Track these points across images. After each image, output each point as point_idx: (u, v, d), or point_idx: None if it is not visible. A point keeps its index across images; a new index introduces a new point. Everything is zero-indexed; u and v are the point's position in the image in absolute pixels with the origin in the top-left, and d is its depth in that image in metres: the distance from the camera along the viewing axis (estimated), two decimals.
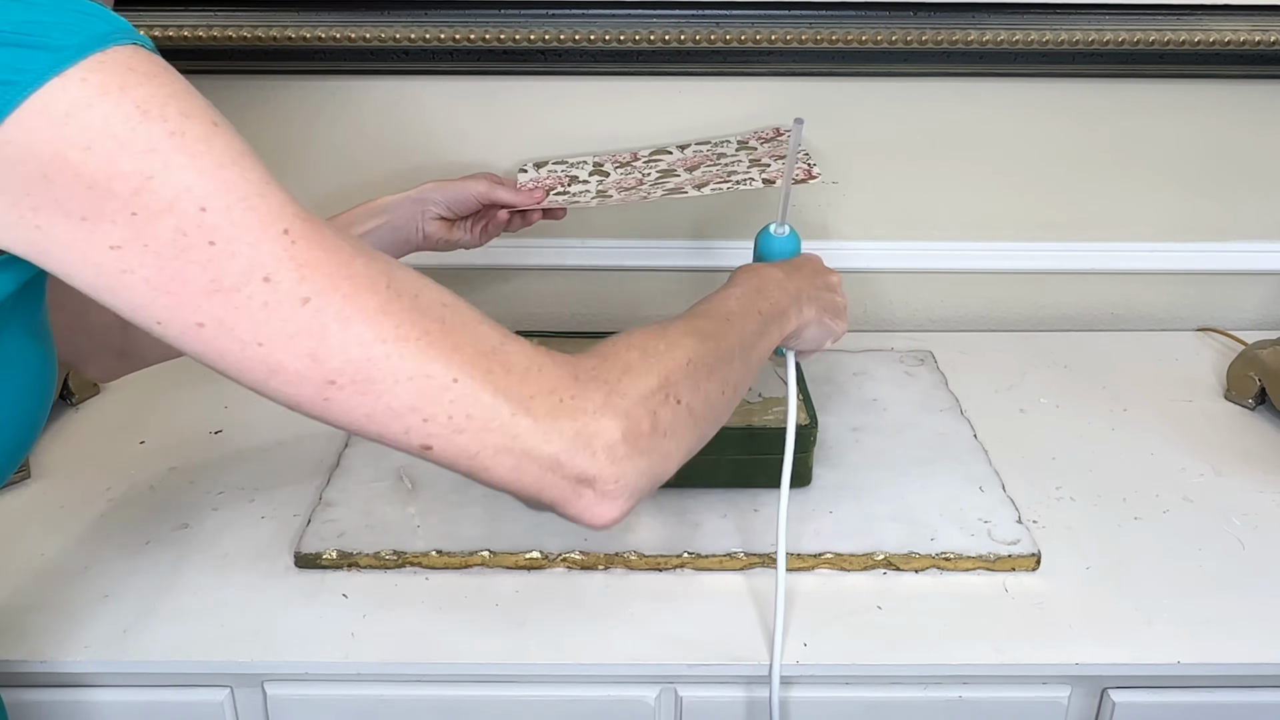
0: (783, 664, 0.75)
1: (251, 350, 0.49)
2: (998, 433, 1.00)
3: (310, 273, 0.49)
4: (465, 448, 0.53)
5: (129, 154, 0.46)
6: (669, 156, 1.07)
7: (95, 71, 0.46)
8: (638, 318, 1.20)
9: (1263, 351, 1.06)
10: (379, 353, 0.51)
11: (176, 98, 0.48)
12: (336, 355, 0.50)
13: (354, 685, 0.77)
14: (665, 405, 0.59)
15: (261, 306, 0.49)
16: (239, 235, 0.48)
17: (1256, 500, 0.92)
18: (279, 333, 0.49)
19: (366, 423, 0.52)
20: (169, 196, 0.47)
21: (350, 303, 0.50)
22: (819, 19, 1.07)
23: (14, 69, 0.45)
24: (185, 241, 0.47)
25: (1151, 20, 1.08)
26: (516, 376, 0.54)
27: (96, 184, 0.46)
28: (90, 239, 0.47)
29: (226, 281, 0.48)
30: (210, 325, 0.49)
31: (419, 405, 0.52)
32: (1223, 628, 0.78)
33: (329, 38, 1.07)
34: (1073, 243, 1.21)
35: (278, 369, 0.50)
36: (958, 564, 0.84)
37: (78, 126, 0.46)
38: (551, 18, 1.07)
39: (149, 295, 0.48)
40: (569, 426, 0.55)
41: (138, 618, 0.79)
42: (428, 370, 0.52)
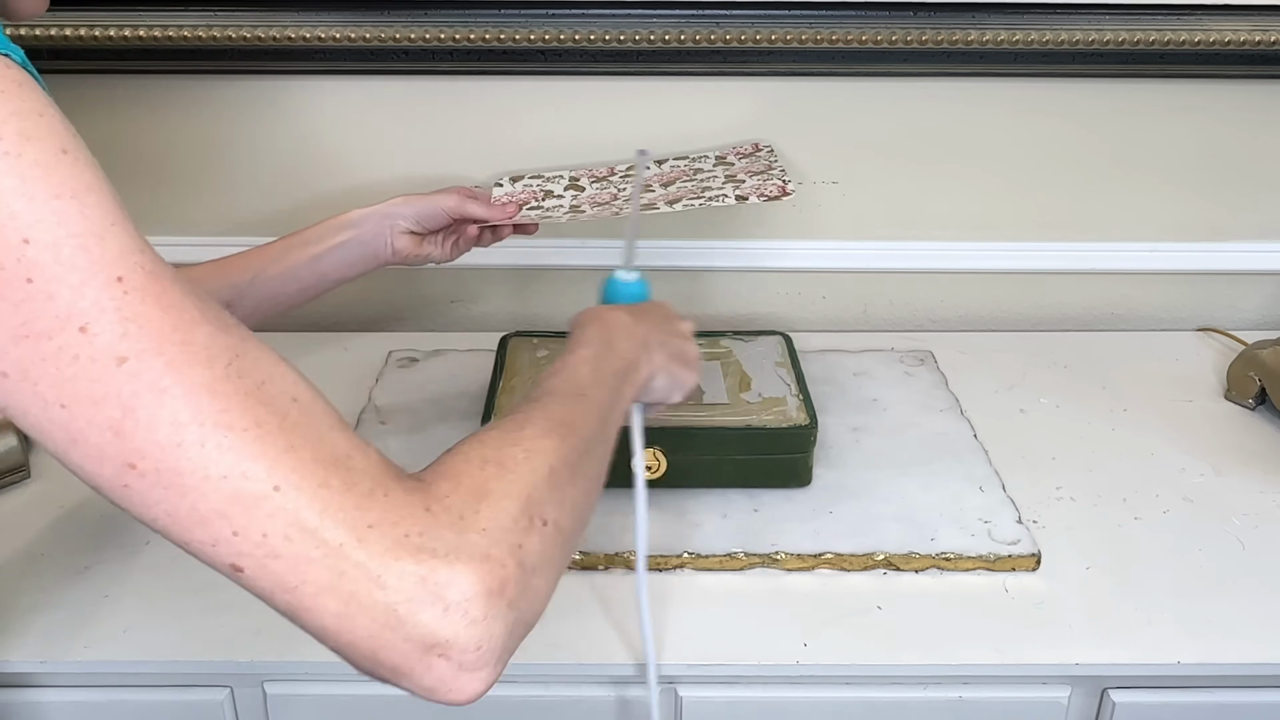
0: (780, 664, 0.75)
1: (54, 412, 0.42)
2: (998, 433, 1.00)
3: (135, 329, 0.42)
4: (281, 578, 0.44)
5: None
6: (645, 172, 1.07)
7: None
8: None
9: (1263, 351, 1.06)
10: (192, 438, 0.42)
11: (20, 117, 0.42)
12: (143, 432, 0.42)
13: (354, 685, 0.77)
14: (530, 532, 0.49)
15: (71, 360, 0.42)
16: (62, 275, 0.42)
17: (1256, 500, 0.92)
18: (84, 395, 0.42)
19: (169, 523, 0.44)
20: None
21: (172, 372, 0.42)
22: (819, 19, 1.07)
23: None
24: (2, 275, 0.41)
25: (1151, 20, 1.08)
26: (355, 498, 0.44)
27: None
28: None
29: (37, 326, 0.41)
30: (13, 376, 0.42)
31: (229, 513, 0.43)
32: (1223, 628, 0.78)
33: (329, 38, 1.07)
34: (1073, 243, 1.21)
35: (78, 439, 0.43)
36: (958, 564, 0.84)
37: None
38: (551, 18, 1.07)
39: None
40: (413, 570, 0.44)
41: (138, 618, 0.79)
42: (246, 469, 0.43)
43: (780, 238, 1.20)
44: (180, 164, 1.14)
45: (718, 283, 1.22)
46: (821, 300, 1.23)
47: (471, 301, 1.23)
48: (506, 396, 0.96)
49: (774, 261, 1.21)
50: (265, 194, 1.17)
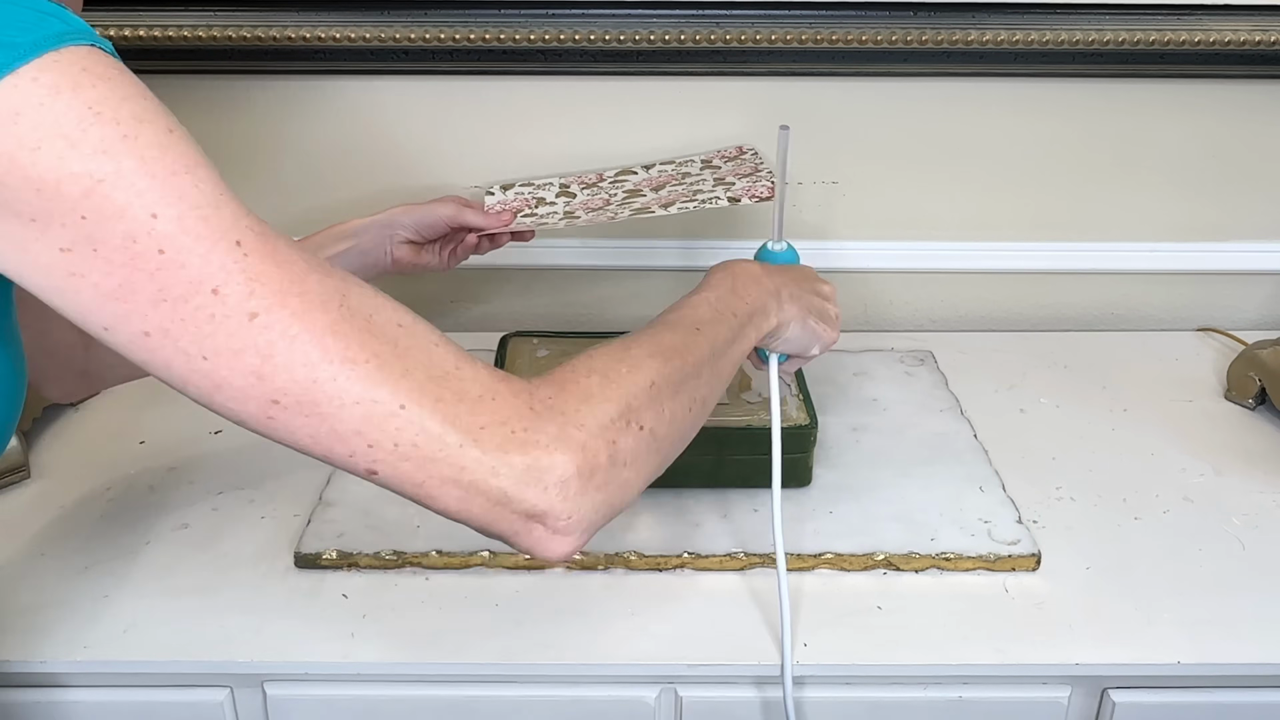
0: (780, 664, 0.76)
1: (197, 364, 0.49)
2: (998, 433, 1.00)
3: (260, 287, 0.48)
4: (410, 475, 0.52)
5: (79, 155, 0.45)
6: (634, 177, 1.07)
7: (48, 71, 0.45)
8: (637, 317, 1.20)
9: (1263, 351, 1.06)
10: (325, 374, 0.49)
11: (130, 100, 0.47)
12: (282, 374, 0.49)
13: (354, 685, 0.77)
14: (626, 433, 0.57)
15: (208, 319, 0.48)
16: (190, 245, 0.47)
17: (1256, 500, 0.92)
18: (224, 347, 0.48)
19: (311, 444, 0.51)
20: (120, 201, 0.46)
21: (298, 320, 0.49)
22: (819, 19, 1.07)
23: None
24: (135, 248, 0.46)
25: (1151, 20, 1.08)
26: (468, 405, 0.52)
27: (45, 186, 0.45)
28: (39, 241, 0.46)
29: (174, 291, 0.47)
30: (156, 335, 0.48)
31: (364, 430, 0.51)
32: (1223, 628, 0.78)
33: (329, 38, 1.07)
34: (1073, 243, 1.21)
35: (222, 384, 0.49)
36: (958, 564, 0.84)
37: (28, 126, 0.45)
38: (551, 18, 1.07)
39: (97, 300, 0.47)
40: (519, 460, 0.53)
41: (138, 618, 0.79)
42: (374, 395, 0.50)
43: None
44: None
45: None
46: None
47: (471, 301, 1.23)
48: None
49: None
50: (264, 194, 1.17)
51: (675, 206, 0.96)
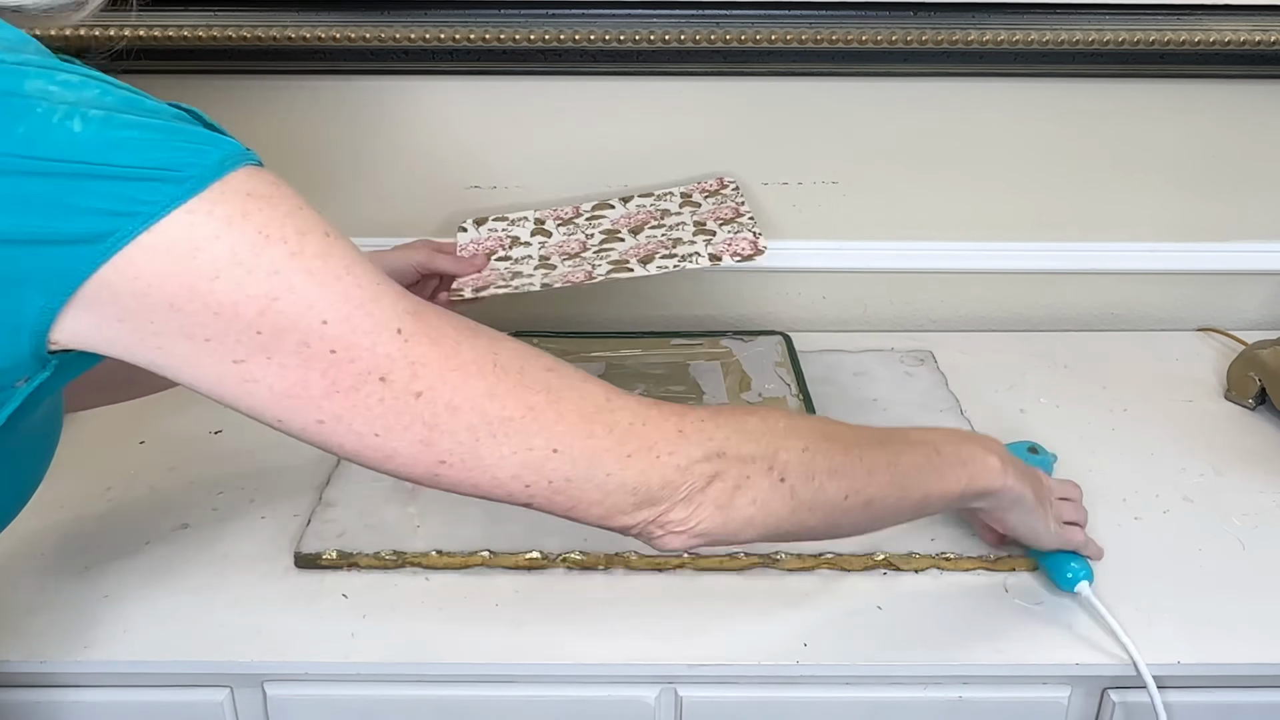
0: (780, 664, 0.76)
1: (368, 440, 0.53)
2: (998, 433, 0.99)
3: (421, 369, 0.52)
4: (562, 504, 0.58)
5: (255, 279, 0.49)
6: (611, 213, 1.05)
7: (218, 203, 0.48)
8: (637, 317, 1.20)
9: (1263, 351, 1.06)
10: (485, 434, 0.54)
11: (292, 216, 0.51)
12: (446, 439, 0.54)
13: (354, 685, 0.77)
14: (765, 475, 0.60)
15: (378, 403, 0.52)
16: (357, 341, 0.51)
17: (1256, 500, 0.92)
18: (394, 424, 0.53)
19: (473, 490, 0.56)
20: (293, 314, 0.50)
21: (458, 392, 0.53)
22: (819, 19, 1.07)
23: (137, 201, 0.47)
24: (308, 352, 0.50)
25: (1151, 20, 1.08)
26: (617, 435, 0.57)
27: (223, 310, 0.49)
28: (213, 356, 0.50)
29: (345, 383, 0.51)
30: (329, 422, 0.52)
31: (521, 474, 0.56)
32: (1223, 628, 0.78)
33: (329, 38, 1.07)
34: (1073, 243, 1.21)
35: (393, 455, 0.54)
36: (958, 564, 0.83)
37: (207, 259, 0.48)
38: (551, 18, 1.07)
39: (271, 400, 0.51)
40: (658, 479, 0.58)
41: (138, 618, 0.79)
42: (530, 444, 0.55)
43: (780, 238, 1.20)
44: None
45: (718, 283, 1.22)
46: (821, 300, 1.23)
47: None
48: None
49: (774, 261, 1.20)
50: None
51: (654, 265, 0.93)
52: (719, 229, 0.98)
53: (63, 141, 0.47)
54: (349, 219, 1.18)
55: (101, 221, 0.47)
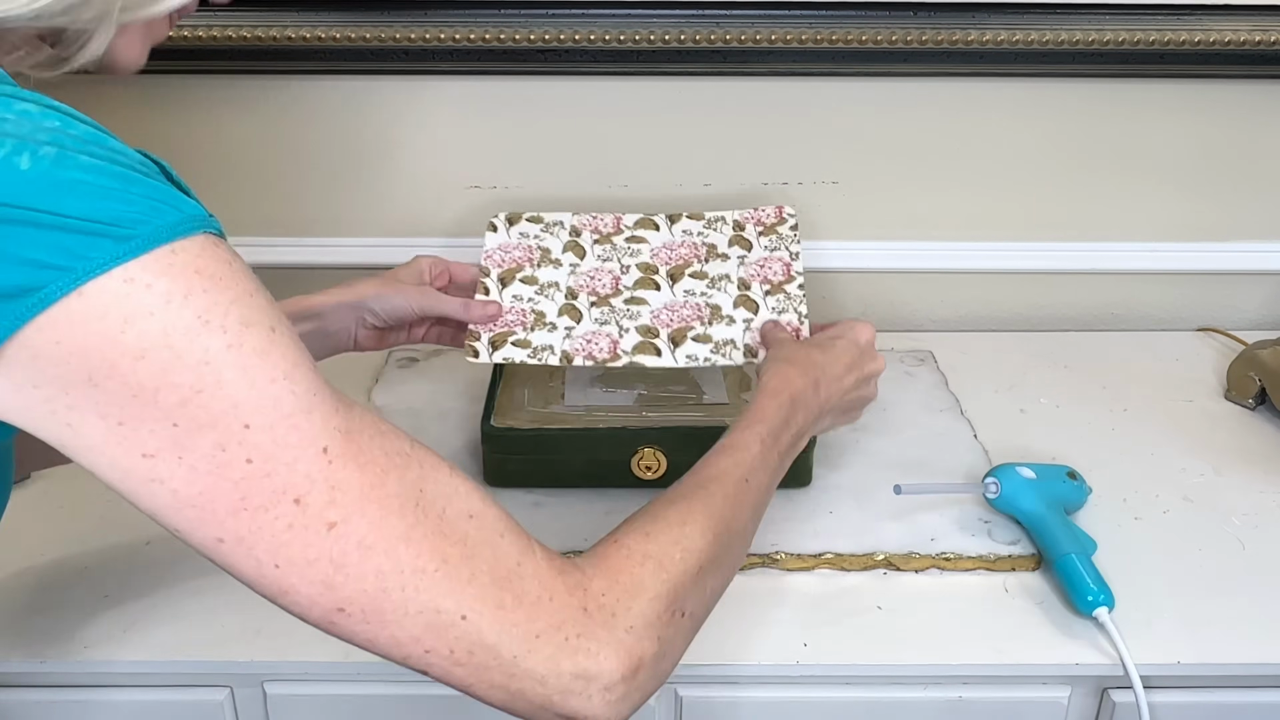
0: (780, 664, 0.76)
1: (267, 570, 0.48)
2: (998, 433, 1.00)
3: (340, 495, 0.48)
4: (462, 678, 0.52)
5: (183, 366, 0.44)
6: (653, 237, 0.99)
7: (161, 275, 0.44)
8: None
9: (1263, 351, 1.06)
10: (394, 584, 0.49)
11: (239, 303, 0.46)
12: (351, 584, 0.48)
13: (354, 685, 0.77)
14: (671, 624, 0.57)
15: (286, 529, 0.47)
16: (278, 454, 0.46)
17: (1256, 500, 0.92)
18: (298, 557, 0.47)
19: (368, 645, 0.51)
20: (215, 412, 0.45)
21: (375, 529, 0.48)
22: (819, 19, 1.07)
23: (74, 254, 0.43)
24: (222, 458, 0.46)
25: (1151, 20, 1.08)
26: (525, 610, 0.51)
27: (143, 393, 0.44)
28: (122, 444, 0.45)
29: (255, 501, 0.46)
30: (230, 542, 0.47)
31: (423, 638, 0.50)
32: (1223, 628, 0.78)
33: (329, 38, 1.07)
34: (1073, 243, 1.21)
35: (289, 590, 0.48)
36: (958, 564, 0.84)
37: (135, 334, 0.44)
38: (551, 18, 1.07)
39: (174, 505, 0.47)
40: (569, 668, 0.52)
41: (138, 618, 0.79)
42: (439, 605, 0.49)
43: None
44: (178, 163, 1.14)
45: None
46: (821, 300, 1.23)
47: None
48: (506, 396, 0.96)
49: None
50: (263, 195, 1.17)
51: (684, 353, 0.89)
52: (763, 300, 0.92)
53: (5, 179, 0.42)
54: (349, 219, 1.18)
55: (31, 274, 0.42)
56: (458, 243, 1.19)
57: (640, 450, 0.90)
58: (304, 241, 1.18)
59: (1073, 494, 0.88)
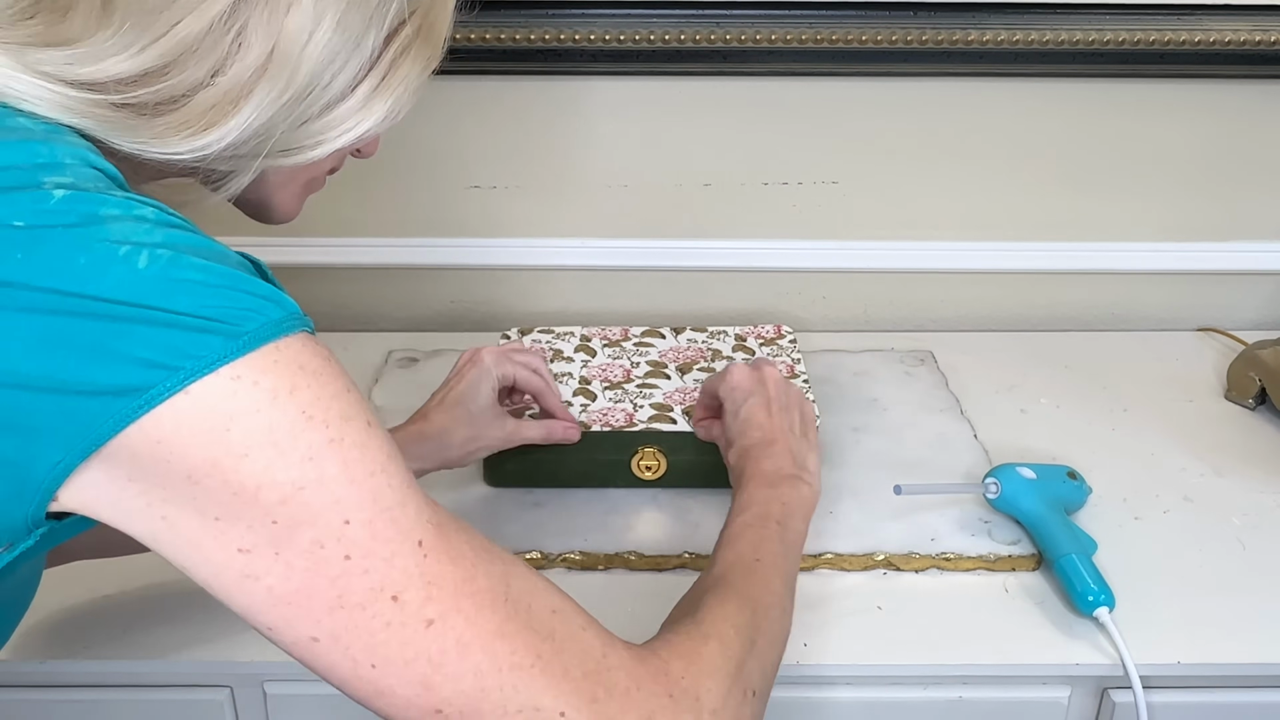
0: (782, 664, 0.76)
1: (364, 670, 0.47)
2: (998, 433, 1.00)
3: (436, 591, 0.47)
4: None
5: (285, 463, 0.44)
6: (660, 343, 1.04)
7: (267, 372, 0.44)
8: (638, 317, 1.20)
9: (1263, 351, 1.06)
10: (493, 683, 0.48)
11: (339, 398, 0.46)
12: (450, 684, 0.47)
13: None
14: (745, 703, 0.57)
15: (383, 627, 0.46)
16: (376, 549, 0.46)
17: (1256, 500, 0.92)
18: (396, 656, 0.47)
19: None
20: (316, 508, 0.45)
21: (471, 626, 0.47)
22: (819, 19, 1.07)
23: (183, 354, 0.43)
24: (321, 554, 0.45)
25: (1151, 20, 1.08)
26: (617, 702, 0.51)
27: (244, 491, 0.44)
28: (218, 540, 0.45)
29: (353, 599, 0.46)
30: (325, 641, 0.47)
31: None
32: (1223, 628, 0.78)
33: None
34: (1073, 243, 1.20)
35: (385, 692, 0.48)
36: (958, 564, 0.84)
37: (240, 432, 0.44)
38: (551, 18, 1.07)
39: (268, 602, 0.46)
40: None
41: (138, 618, 0.79)
42: (538, 702, 0.49)
43: (780, 238, 1.20)
44: None
45: (718, 282, 1.22)
46: (821, 300, 1.23)
47: (471, 302, 1.23)
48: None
49: (774, 261, 1.21)
50: None
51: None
52: None
53: (124, 279, 0.43)
54: (349, 219, 1.18)
55: (140, 373, 0.42)
56: (458, 243, 1.19)
57: (640, 450, 0.91)
58: (304, 242, 1.18)
59: (1073, 494, 0.88)
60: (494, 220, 1.18)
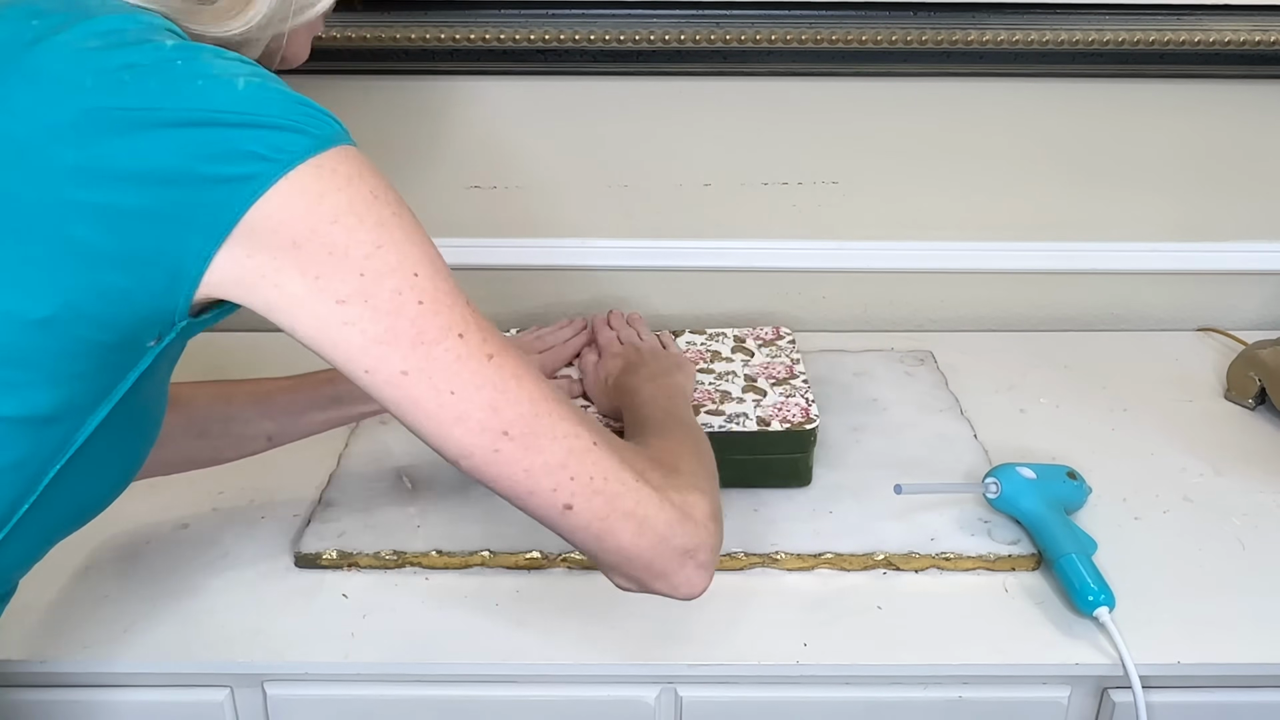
0: (780, 664, 0.76)
1: (445, 398, 0.57)
2: (998, 433, 1.00)
3: (489, 335, 0.58)
4: (599, 509, 0.60)
5: (365, 227, 0.55)
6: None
7: (343, 163, 0.56)
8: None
9: (1263, 351, 1.06)
10: (544, 409, 0.59)
11: (391, 191, 0.58)
12: (511, 408, 0.58)
13: (354, 685, 0.77)
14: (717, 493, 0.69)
15: (456, 359, 0.57)
16: (440, 297, 0.57)
17: (1256, 500, 0.92)
18: (469, 383, 0.57)
19: (525, 478, 0.59)
20: (393, 261, 0.56)
21: (520, 363, 0.59)
22: (819, 19, 1.07)
23: (282, 149, 0.54)
24: (400, 300, 0.56)
25: (1151, 20, 1.08)
26: (631, 450, 0.64)
27: (336, 249, 0.55)
28: (320, 295, 0.55)
29: (429, 335, 0.56)
30: (413, 374, 0.56)
31: (568, 463, 0.59)
32: (1223, 628, 0.78)
33: (329, 38, 1.07)
34: (1073, 243, 1.21)
35: (463, 417, 0.57)
36: (958, 564, 0.84)
37: (329, 205, 0.54)
38: (551, 18, 1.07)
39: (364, 345, 0.56)
40: (676, 498, 0.63)
41: (138, 618, 0.79)
42: (576, 431, 0.60)
43: (780, 238, 1.20)
44: None
45: (718, 283, 1.22)
46: (821, 300, 1.23)
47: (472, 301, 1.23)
48: None
49: (774, 261, 1.21)
50: None
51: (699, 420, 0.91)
52: (770, 389, 0.96)
53: (231, 95, 0.54)
54: None
55: (253, 165, 0.53)
56: (458, 243, 1.19)
57: None
58: None
59: (1073, 494, 0.88)
60: (494, 220, 1.18)
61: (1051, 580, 0.82)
